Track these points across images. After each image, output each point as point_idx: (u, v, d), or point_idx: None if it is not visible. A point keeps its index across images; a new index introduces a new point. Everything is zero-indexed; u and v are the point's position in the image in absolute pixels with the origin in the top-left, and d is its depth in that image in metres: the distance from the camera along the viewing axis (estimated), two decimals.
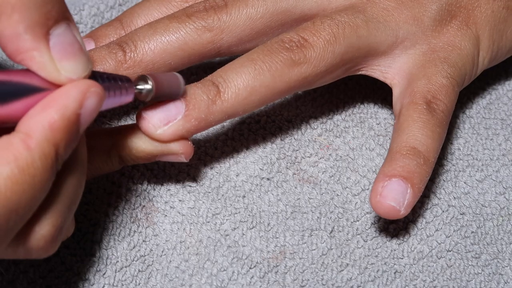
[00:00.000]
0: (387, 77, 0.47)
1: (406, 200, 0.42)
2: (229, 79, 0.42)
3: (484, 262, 0.45)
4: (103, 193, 0.45)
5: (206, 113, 0.42)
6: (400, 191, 0.42)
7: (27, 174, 0.32)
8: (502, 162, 0.49)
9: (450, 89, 0.45)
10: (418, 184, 0.43)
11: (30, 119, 0.33)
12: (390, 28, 0.45)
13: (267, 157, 0.47)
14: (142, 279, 0.43)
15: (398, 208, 0.42)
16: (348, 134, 0.49)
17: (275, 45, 0.43)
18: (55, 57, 0.33)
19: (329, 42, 0.44)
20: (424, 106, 0.44)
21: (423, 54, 0.46)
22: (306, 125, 0.49)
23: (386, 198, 0.42)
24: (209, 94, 0.42)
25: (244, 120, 0.49)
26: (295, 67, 0.43)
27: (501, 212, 0.47)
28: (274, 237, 0.45)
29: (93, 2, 0.52)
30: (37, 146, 0.32)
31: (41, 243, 0.35)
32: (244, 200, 0.46)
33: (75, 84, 0.34)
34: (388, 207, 0.42)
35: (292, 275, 0.44)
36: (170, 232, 0.45)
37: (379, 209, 0.42)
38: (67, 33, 0.34)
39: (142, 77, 0.39)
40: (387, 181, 0.42)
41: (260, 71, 0.42)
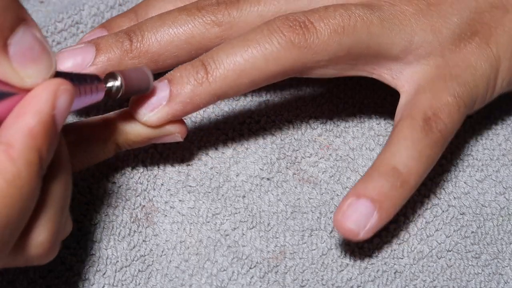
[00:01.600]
0: (397, 83, 0.45)
1: (369, 224, 0.41)
2: (219, 60, 0.41)
3: (484, 262, 0.45)
4: (103, 193, 0.45)
5: (191, 96, 0.41)
6: (365, 213, 0.41)
7: (14, 186, 0.31)
8: (502, 162, 0.49)
9: (455, 109, 0.43)
10: (388, 208, 0.41)
11: (7, 128, 0.32)
12: (405, 32, 0.43)
13: (267, 157, 0.47)
14: (142, 279, 0.43)
15: (357, 232, 0.41)
16: (348, 134, 0.49)
17: (277, 23, 0.42)
18: (17, 66, 0.32)
19: (336, 31, 0.42)
20: (420, 123, 0.42)
21: (435, 67, 0.44)
22: (306, 125, 0.49)
23: (348, 218, 0.41)
24: (196, 76, 0.41)
25: (244, 120, 0.49)
26: (293, 50, 0.41)
27: (501, 212, 0.47)
28: (274, 237, 0.45)
29: (93, 2, 0.52)
30: (21, 156, 0.32)
31: (39, 250, 0.35)
32: (244, 200, 0.46)
33: (44, 86, 0.33)
34: (347, 228, 0.41)
35: (292, 275, 0.44)
36: (170, 232, 0.45)
37: (338, 227, 0.41)
38: (25, 37, 0.32)
39: (111, 74, 0.39)
40: (354, 200, 0.41)
41: (252, 54, 0.41)
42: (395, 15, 0.43)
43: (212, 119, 0.49)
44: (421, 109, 0.43)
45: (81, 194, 0.45)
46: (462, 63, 0.44)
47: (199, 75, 0.41)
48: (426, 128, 0.42)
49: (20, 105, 0.33)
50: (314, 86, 0.51)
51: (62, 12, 0.52)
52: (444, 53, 0.44)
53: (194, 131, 0.48)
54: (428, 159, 0.43)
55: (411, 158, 0.42)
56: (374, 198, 0.41)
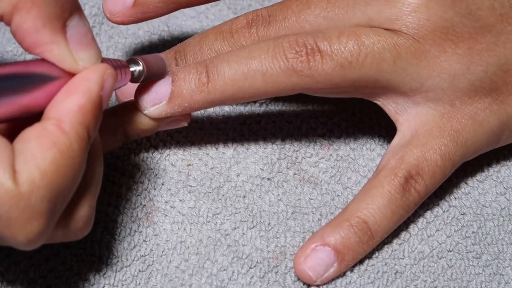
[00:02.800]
0: (398, 119, 0.44)
1: (327, 273, 0.42)
2: (221, 72, 0.41)
3: (485, 263, 0.45)
4: (103, 192, 0.45)
5: (189, 102, 0.42)
6: (325, 263, 0.42)
7: (67, 157, 0.34)
8: (502, 162, 0.49)
9: (441, 170, 0.43)
10: (348, 261, 0.43)
11: (57, 105, 0.35)
12: (418, 74, 0.42)
13: (268, 157, 0.47)
14: (142, 279, 0.43)
15: (314, 279, 0.42)
16: (348, 135, 0.49)
17: (285, 44, 0.41)
18: (72, 48, 0.35)
19: (342, 66, 0.41)
20: (400, 181, 0.42)
21: (440, 115, 0.43)
22: (306, 125, 0.49)
23: (307, 264, 0.42)
24: (197, 83, 0.42)
25: (244, 120, 0.49)
26: (294, 76, 0.41)
27: (501, 212, 0.47)
28: (274, 237, 0.45)
29: (94, 2, 0.53)
30: (72, 130, 0.34)
31: (79, 224, 0.37)
32: (244, 200, 0.46)
33: (93, 69, 0.36)
34: (305, 274, 0.42)
35: (292, 276, 0.44)
36: (170, 232, 0.44)
37: (296, 270, 0.42)
38: (80, 24, 0.36)
39: (133, 60, 0.41)
40: (319, 246, 0.42)
41: (253, 74, 0.41)
42: (414, 54, 0.41)
43: (212, 119, 0.49)
44: (407, 166, 0.43)
45: None
46: (468, 118, 0.43)
47: (200, 82, 0.42)
48: (405, 187, 0.42)
49: (69, 84, 0.35)
50: None
51: None
52: (455, 102, 0.43)
53: (194, 131, 0.48)
54: (399, 218, 0.43)
55: (384, 217, 0.42)
56: (338, 249, 0.42)
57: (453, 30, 0.42)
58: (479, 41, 0.42)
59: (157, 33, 0.52)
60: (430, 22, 0.41)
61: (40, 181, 0.33)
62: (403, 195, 0.42)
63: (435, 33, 0.41)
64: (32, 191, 0.33)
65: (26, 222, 0.33)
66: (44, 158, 0.33)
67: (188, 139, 0.48)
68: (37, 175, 0.33)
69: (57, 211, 0.34)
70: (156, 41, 0.52)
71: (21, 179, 0.33)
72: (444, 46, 0.42)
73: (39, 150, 0.33)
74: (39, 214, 0.33)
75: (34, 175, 0.33)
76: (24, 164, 0.33)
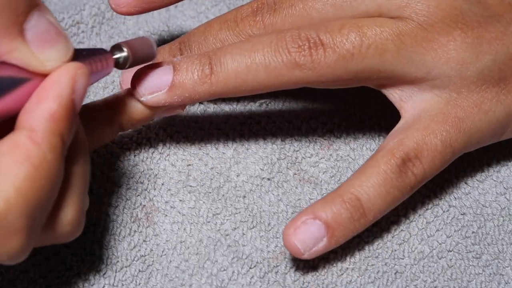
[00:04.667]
0: (403, 106, 0.43)
1: (316, 247, 0.41)
2: (224, 64, 0.41)
3: (485, 263, 0.45)
4: (103, 192, 0.45)
5: (191, 92, 0.41)
6: (315, 236, 0.41)
7: (41, 169, 0.33)
8: (502, 163, 0.49)
9: (441, 156, 0.42)
10: (339, 237, 0.41)
11: (29, 113, 0.33)
12: (424, 63, 0.41)
13: (268, 158, 0.47)
14: (142, 279, 0.43)
15: (302, 252, 0.41)
16: (349, 135, 0.49)
17: (288, 38, 0.41)
18: (35, 50, 0.33)
19: (344, 57, 0.40)
20: (397, 162, 0.41)
21: (445, 102, 0.42)
22: (306, 125, 0.49)
23: (297, 236, 0.41)
24: (200, 74, 0.41)
25: (245, 120, 0.49)
26: (296, 70, 0.41)
27: (501, 213, 0.47)
28: (274, 237, 0.45)
29: (94, 2, 0.52)
30: (44, 140, 0.33)
31: (68, 228, 0.36)
32: (244, 200, 0.46)
33: (63, 70, 0.34)
34: (294, 246, 0.41)
35: (292, 276, 0.44)
36: (170, 232, 0.44)
37: (285, 241, 0.41)
38: (40, 21, 0.34)
39: (117, 46, 0.39)
40: (310, 219, 0.41)
41: (256, 67, 0.41)
42: (420, 42, 0.41)
43: (213, 119, 0.49)
44: (405, 148, 0.42)
45: None
46: (474, 107, 0.42)
47: (203, 73, 0.41)
48: (402, 169, 0.42)
49: (40, 90, 0.34)
50: None
51: (62, 12, 0.52)
52: (461, 90, 0.42)
53: (194, 131, 0.48)
54: (394, 200, 0.42)
55: (377, 195, 0.41)
56: (329, 223, 0.41)
57: (462, 18, 0.41)
58: (488, 30, 0.42)
59: (157, 33, 0.52)
60: (439, 10, 0.41)
61: (15, 199, 0.32)
62: (399, 176, 0.42)
63: (445, 21, 0.41)
64: (8, 209, 0.32)
65: (5, 240, 0.33)
66: (17, 174, 0.32)
67: (188, 139, 0.48)
68: (12, 193, 0.32)
69: (36, 224, 0.34)
70: (156, 41, 0.52)
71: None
72: (453, 34, 0.41)
73: (12, 166, 0.32)
74: (17, 231, 0.33)
75: (8, 193, 0.32)
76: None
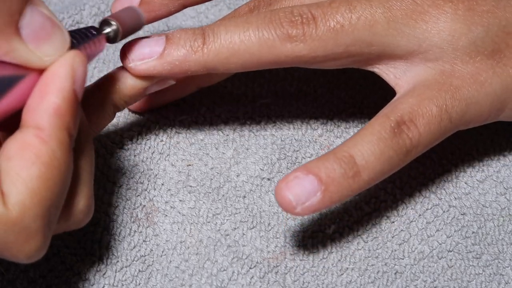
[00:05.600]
0: (398, 83, 0.43)
1: (309, 202, 0.39)
2: (217, 35, 0.41)
3: (485, 263, 0.45)
4: (103, 192, 0.45)
5: (182, 61, 0.41)
6: (308, 190, 0.39)
7: (52, 167, 0.33)
8: (503, 163, 0.49)
9: (436, 120, 0.41)
10: (332, 194, 0.40)
11: (33, 110, 0.33)
12: (415, 35, 0.41)
13: (268, 158, 0.47)
14: (142, 279, 0.43)
15: (294, 205, 0.39)
16: (349, 135, 0.49)
17: (280, 14, 0.41)
18: (32, 46, 0.33)
19: (334, 29, 0.41)
20: (392, 124, 0.40)
21: (440, 73, 0.42)
22: (306, 125, 0.49)
23: (289, 189, 0.39)
24: (193, 44, 0.41)
25: (245, 121, 0.49)
26: (289, 42, 0.41)
27: (502, 213, 0.47)
28: (274, 237, 0.45)
29: (94, 2, 0.53)
30: (52, 137, 0.33)
31: (80, 216, 0.37)
32: (244, 200, 0.46)
33: (61, 62, 0.34)
34: (286, 199, 0.39)
35: (292, 276, 0.44)
36: (170, 232, 0.44)
37: (277, 195, 0.39)
38: (34, 17, 0.33)
39: (105, 21, 0.39)
40: (302, 174, 0.39)
41: (249, 37, 0.41)
42: (410, 15, 0.41)
43: (213, 119, 0.49)
44: (400, 111, 0.41)
45: None
46: (469, 77, 0.42)
47: (196, 43, 0.41)
48: (396, 130, 0.41)
49: (41, 85, 0.34)
50: (315, 86, 0.51)
51: (62, 12, 0.52)
52: (455, 62, 0.42)
53: (194, 131, 0.48)
54: (389, 161, 0.41)
55: (371, 153, 0.40)
56: (322, 178, 0.39)
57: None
58: (479, 3, 0.42)
59: (157, 33, 0.52)
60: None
61: (30, 201, 0.33)
62: (393, 137, 0.40)
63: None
64: (24, 213, 0.32)
65: (24, 243, 0.33)
66: (30, 176, 0.32)
67: (188, 139, 0.48)
68: (26, 196, 0.32)
69: (52, 221, 0.34)
70: None
71: (10, 201, 0.32)
72: (444, 7, 0.42)
73: (24, 168, 0.33)
74: (35, 232, 0.33)
75: (23, 196, 0.32)
76: (11, 185, 0.32)
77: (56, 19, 0.34)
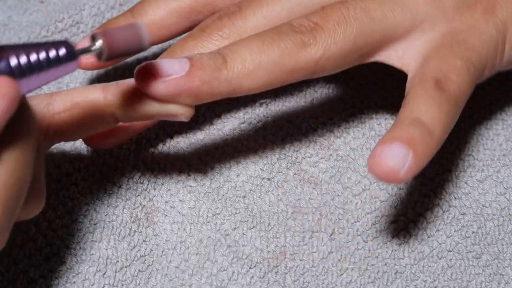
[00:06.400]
0: (404, 62, 0.44)
1: (406, 166, 0.39)
2: (236, 51, 0.41)
3: (485, 263, 0.45)
4: (103, 193, 0.45)
5: (210, 77, 0.40)
6: (401, 155, 0.39)
7: None
8: (502, 163, 0.49)
9: (465, 70, 0.43)
10: (421, 151, 0.40)
11: None
12: (407, 10, 0.43)
13: (268, 158, 0.47)
14: (142, 279, 0.43)
15: (397, 169, 0.39)
16: (349, 135, 0.49)
17: (285, 28, 0.42)
18: None
19: (339, 23, 0.42)
20: (431, 85, 0.42)
21: (441, 37, 0.44)
22: (306, 125, 0.49)
23: (386, 158, 0.39)
24: (216, 62, 0.40)
25: (244, 120, 0.49)
26: (305, 48, 0.41)
27: (501, 213, 0.47)
28: (274, 237, 0.45)
29: (94, 2, 0.53)
30: None
31: None
32: (244, 200, 0.46)
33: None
34: (387, 167, 0.39)
35: (292, 276, 0.44)
36: (170, 232, 0.44)
37: (375, 170, 0.39)
38: None
39: (93, 35, 0.35)
40: (387, 145, 0.39)
41: (268, 46, 0.41)
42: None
43: (213, 119, 0.49)
44: (431, 73, 0.42)
45: (81, 194, 0.45)
46: (468, 29, 0.44)
47: (218, 61, 0.40)
48: (439, 88, 0.42)
49: None
50: (315, 86, 0.51)
51: (62, 12, 0.52)
52: (449, 22, 0.44)
53: (194, 131, 0.48)
54: (448, 114, 0.41)
55: (431, 110, 0.41)
56: (407, 140, 0.39)
57: None
58: None
59: None
60: None
61: None
62: (440, 93, 0.41)
63: None
64: None
65: None
66: None
67: (188, 139, 0.48)
68: None
69: None
70: None
71: None
72: None
73: None
74: None
75: None
76: None
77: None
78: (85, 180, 0.45)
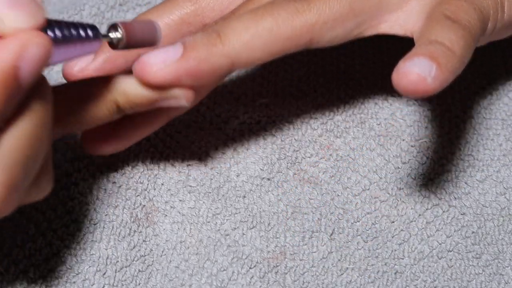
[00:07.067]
0: (408, 28, 0.43)
1: (433, 73, 0.38)
2: (230, 26, 0.40)
3: (485, 262, 0.45)
4: (103, 193, 0.45)
5: (206, 54, 0.40)
6: (425, 65, 0.38)
7: None
8: (502, 163, 0.49)
9: (471, 8, 0.42)
10: (445, 64, 0.39)
11: None
12: None
13: (268, 158, 0.47)
14: (142, 279, 0.43)
15: (424, 77, 0.37)
16: (349, 135, 0.49)
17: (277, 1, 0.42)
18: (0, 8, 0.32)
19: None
20: (443, 18, 0.41)
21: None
22: (306, 125, 0.49)
23: (411, 67, 0.38)
24: (210, 38, 0.40)
25: (244, 120, 0.49)
26: (299, 14, 0.41)
27: (501, 213, 0.47)
28: (274, 237, 0.45)
29: (94, 2, 0.53)
30: None
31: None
32: (244, 200, 0.46)
33: (16, 36, 0.32)
34: (413, 76, 0.37)
35: (292, 276, 0.44)
36: (170, 232, 0.45)
37: (402, 82, 0.37)
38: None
39: (113, 25, 0.38)
40: (409, 60, 0.38)
41: (261, 17, 0.41)
42: None
43: (212, 119, 0.49)
44: (439, 12, 0.42)
45: (81, 194, 0.45)
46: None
47: (212, 36, 0.40)
48: (451, 19, 0.41)
49: None
50: (315, 86, 0.51)
51: (62, 12, 0.52)
52: None
53: (194, 131, 0.48)
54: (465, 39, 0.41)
55: (448, 34, 0.40)
56: (429, 55, 0.39)
57: None
58: None
59: None
60: None
61: None
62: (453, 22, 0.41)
63: None
64: None
65: None
66: None
67: (188, 139, 0.48)
68: None
69: None
70: None
71: None
72: None
73: None
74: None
75: None
76: None
77: None
78: (85, 180, 0.45)
